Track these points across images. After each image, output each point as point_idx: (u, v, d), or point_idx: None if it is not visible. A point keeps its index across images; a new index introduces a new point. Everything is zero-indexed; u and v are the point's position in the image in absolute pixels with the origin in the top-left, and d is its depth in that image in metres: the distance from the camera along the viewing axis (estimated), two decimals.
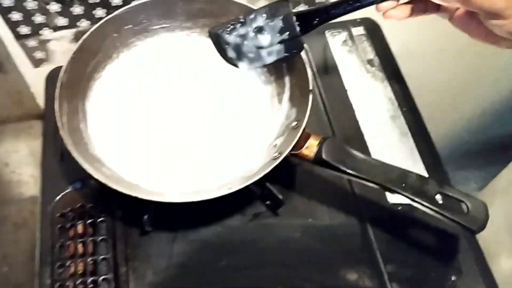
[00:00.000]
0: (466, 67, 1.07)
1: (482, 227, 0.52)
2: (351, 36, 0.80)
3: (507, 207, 0.91)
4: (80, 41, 0.64)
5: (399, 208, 0.64)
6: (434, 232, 0.63)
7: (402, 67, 0.77)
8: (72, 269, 0.61)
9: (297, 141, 0.57)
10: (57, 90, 0.60)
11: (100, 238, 0.63)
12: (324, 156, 0.56)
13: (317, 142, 0.58)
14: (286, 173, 0.66)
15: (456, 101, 1.19)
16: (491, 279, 0.60)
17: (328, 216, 0.64)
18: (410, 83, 0.75)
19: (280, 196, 0.62)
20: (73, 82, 0.63)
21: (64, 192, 0.66)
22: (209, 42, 0.66)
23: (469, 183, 1.49)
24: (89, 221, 0.64)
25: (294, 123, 0.62)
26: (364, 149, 0.68)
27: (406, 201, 0.55)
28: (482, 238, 0.62)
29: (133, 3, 0.68)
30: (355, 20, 0.82)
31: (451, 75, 1.09)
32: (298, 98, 0.64)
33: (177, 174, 0.63)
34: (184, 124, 0.66)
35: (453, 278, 0.60)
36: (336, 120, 0.71)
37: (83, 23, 0.77)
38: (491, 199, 0.94)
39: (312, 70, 0.76)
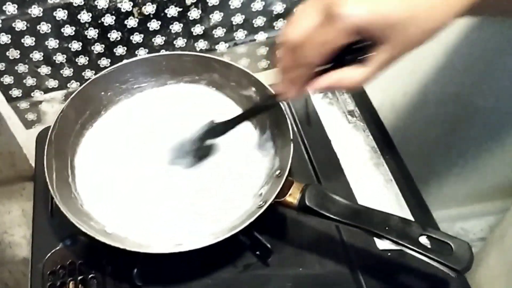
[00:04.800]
0: (449, 116, 1.10)
1: (468, 267, 0.52)
2: None
3: (501, 257, 0.91)
4: (68, 100, 0.67)
5: (389, 254, 0.64)
6: (424, 277, 0.62)
7: (384, 119, 0.79)
8: None
9: (281, 188, 0.58)
10: (46, 147, 0.62)
11: None
12: (307, 202, 0.57)
13: (300, 189, 0.59)
14: (274, 223, 0.66)
15: (442, 150, 1.21)
16: None
17: (318, 264, 0.64)
18: (393, 134, 0.77)
19: (269, 245, 0.62)
20: (61, 138, 0.65)
21: (55, 250, 0.66)
22: (193, 97, 0.68)
23: (468, 235, 1.48)
24: (79, 277, 0.64)
25: (278, 172, 0.63)
26: (351, 196, 0.68)
27: (395, 247, 0.55)
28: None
29: (118, 64, 0.71)
30: None
31: (433, 124, 1.11)
32: (280, 148, 0.65)
33: (165, 226, 0.63)
34: (171, 177, 0.67)
35: None
36: (322, 169, 0.72)
37: (73, 84, 0.80)
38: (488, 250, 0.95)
39: (295, 122, 0.78)
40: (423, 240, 0.54)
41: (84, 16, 0.73)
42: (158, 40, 0.78)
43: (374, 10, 0.42)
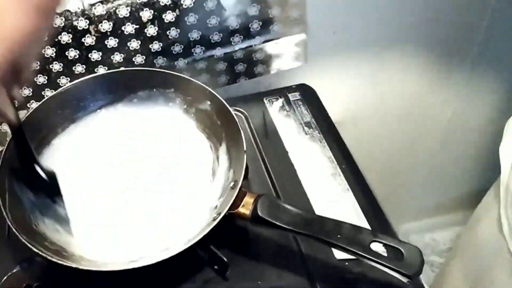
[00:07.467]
0: (411, 128, 1.12)
1: (418, 272, 0.53)
2: (288, 102, 0.84)
3: (463, 269, 0.92)
4: (23, 119, 0.66)
5: (346, 263, 0.64)
6: (381, 285, 0.62)
7: (344, 133, 0.80)
8: None
9: (234, 200, 0.58)
10: None
11: None
12: (259, 212, 0.57)
13: (252, 200, 0.59)
14: (231, 236, 0.66)
15: (404, 162, 1.22)
16: None
17: (277, 277, 0.63)
18: (353, 148, 0.78)
19: (225, 259, 0.62)
20: (15, 158, 0.64)
21: (11, 273, 0.64)
22: (151, 113, 0.69)
23: (438, 245, 1.50)
24: None
25: (232, 183, 0.63)
26: (308, 207, 0.69)
27: (352, 256, 0.55)
28: None
29: (75, 81, 0.71)
30: (290, 86, 0.87)
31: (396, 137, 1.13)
32: (235, 159, 0.66)
33: (121, 243, 0.63)
34: (126, 193, 0.67)
35: None
36: (279, 181, 0.73)
37: (33, 104, 0.79)
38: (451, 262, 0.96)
39: (253, 134, 0.79)
40: (376, 247, 0.55)
41: None
42: (117, 57, 0.79)
43: None
